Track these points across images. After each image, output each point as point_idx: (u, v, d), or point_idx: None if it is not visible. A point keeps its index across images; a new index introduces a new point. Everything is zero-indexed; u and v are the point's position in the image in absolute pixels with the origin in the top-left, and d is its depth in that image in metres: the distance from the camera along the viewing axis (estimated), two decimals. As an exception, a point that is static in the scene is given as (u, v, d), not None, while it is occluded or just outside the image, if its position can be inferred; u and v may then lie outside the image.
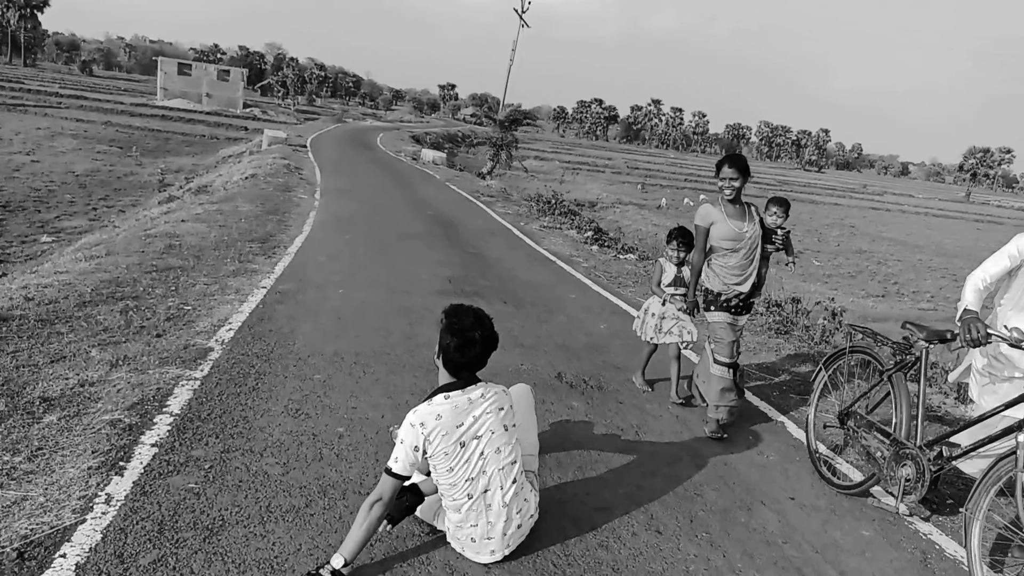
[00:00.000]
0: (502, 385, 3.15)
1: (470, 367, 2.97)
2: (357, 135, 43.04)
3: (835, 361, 4.47)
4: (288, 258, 8.40)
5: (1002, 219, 56.89)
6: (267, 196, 13.63)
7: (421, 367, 5.23)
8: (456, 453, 2.87)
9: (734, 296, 4.74)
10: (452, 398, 2.91)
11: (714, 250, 4.73)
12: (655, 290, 5.32)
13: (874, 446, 3.85)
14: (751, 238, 4.66)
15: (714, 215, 4.68)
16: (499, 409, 2.99)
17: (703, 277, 4.84)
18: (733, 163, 4.64)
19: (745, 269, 4.70)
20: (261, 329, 5.67)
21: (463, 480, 2.90)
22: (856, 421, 4.11)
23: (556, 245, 12.07)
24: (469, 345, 2.92)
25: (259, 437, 3.87)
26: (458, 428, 2.88)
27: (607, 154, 76.88)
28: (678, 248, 5.17)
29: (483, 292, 7.81)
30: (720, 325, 4.75)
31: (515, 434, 3.05)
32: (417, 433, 2.84)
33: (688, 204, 35.79)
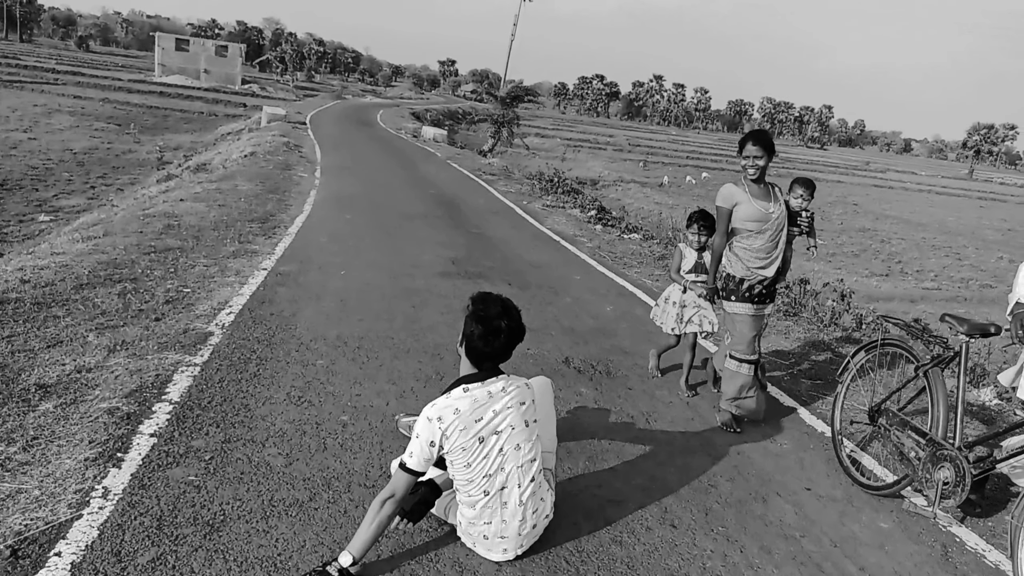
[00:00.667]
0: (524, 378, 3.03)
1: (493, 358, 2.84)
2: (357, 112, 42.64)
3: (864, 354, 4.23)
4: (289, 238, 8.26)
5: (1005, 196, 56.56)
6: (267, 174, 13.45)
7: (426, 352, 5.12)
8: (474, 449, 2.76)
9: (758, 282, 4.45)
10: (472, 391, 2.79)
11: (737, 232, 4.45)
12: (674, 277, 5.06)
13: (908, 446, 3.65)
14: (777, 219, 4.39)
15: (738, 195, 4.40)
16: (520, 404, 2.87)
17: (724, 262, 4.56)
18: (757, 140, 4.33)
19: (770, 252, 4.43)
20: (262, 312, 5.55)
21: (480, 476, 2.79)
22: (888, 418, 3.90)
23: (559, 225, 11.92)
24: (494, 334, 2.78)
25: (261, 426, 3.76)
26: (477, 423, 2.76)
27: (608, 131, 76.32)
28: (699, 232, 4.87)
29: (487, 274, 7.68)
30: (740, 318, 4.47)
31: (536, 430, 2.94)
32: (434, 428, 2.73)
33: (690, 182, 35.53)
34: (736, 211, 4.40)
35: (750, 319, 4.47)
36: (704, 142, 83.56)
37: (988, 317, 15.07)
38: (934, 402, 3.63)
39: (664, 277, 8.75)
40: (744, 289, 4.47)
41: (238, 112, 38.63)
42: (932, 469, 3.45)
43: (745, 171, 4.41)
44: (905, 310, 15.93)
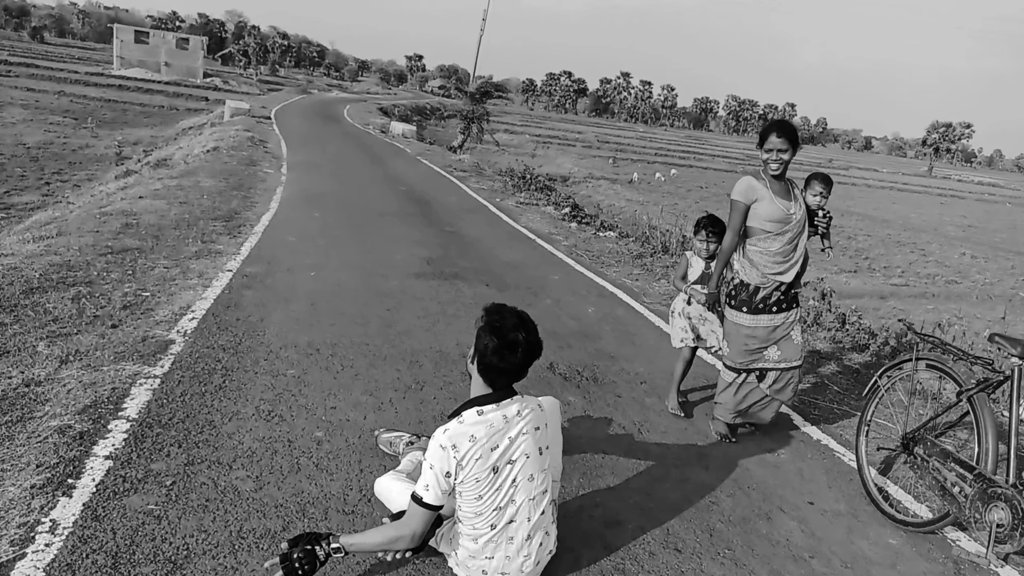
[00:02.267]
0: (537, 398, 2.77)
1: (509, 375, 2.58)
2: (323, 107, 41.91)
3: (894, 373, 3.83)
4: (255, 238, 7.90)
5: (963, 193, 57.83)
6: (231, 170, 12.99)
7: (403, 359, 4.85)
8: (487, 480, 2.51)
9: (774, 288, 4.05)
10: (487, 415, 2.54)
11: (752, 233, 4.04)
12: (676, 284, 4.69)
13: (951, 480, 3.27)
14: (799, 220, 4.02)
15: (758, 190, 3.98)
16: (535, 429, 2.63)
17: (737, 268, 4.13)
18: (782, 131, 3.91)
19: (789, 255, 4.02)
20: (228, 318, 5.22)
21: (491, 509, 2.54)
22: (926, 448, 3.51)
23: (534, 222, 11.69)
24: (510, 348, 2.52)
25: (227, 445, 3.47)
26: (493, 451, 2.51)
27: (577, 127, 76.33)
28: (708, 239, 4.44)
29: (464, 274, 7.42)
30: (738, 328, 4.10)
31: (548, 458, 2.70)
32: (449, 457, 2.48)
33: (659, 178, 35.59)
34: (755, 209, 4.00)
35: (753, 330, 4.09)
36: (671, 139, 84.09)
37: (956, 313, 15.25)
38: (982, 432, 3.24)
39: (643, 276, 8.58)
40: (758, 300, 4.07)
41: (200, 106, 37.69)
42: (982, 509, 3.07)
43: (766, 165, 3.98)
44: (875, 306, 16.02)
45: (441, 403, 4.23)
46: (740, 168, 52.13)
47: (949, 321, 7.65)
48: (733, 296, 4.18)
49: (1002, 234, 31.80)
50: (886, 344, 6.87)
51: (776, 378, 4.18)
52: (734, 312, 4.16)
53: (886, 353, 6.64)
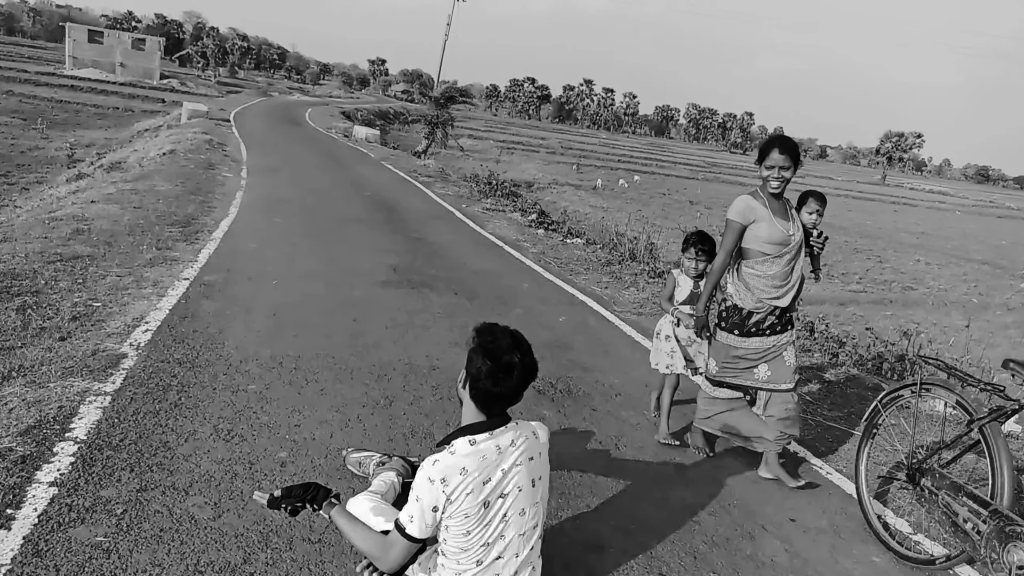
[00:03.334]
0: (531, 423, 2.59)
1: (504, 401, 2.41)
2: (284, 110, 41.24)
3: (897, 399, 3.60)
4: (214, 244, 7.62)
5: (915, 201, 59.42)
6: (188, 174, 12.60)
7: (371, 373, 4.66)
8: (477, 515, 2.34)
9: (769, 313, 3.84)
10: (479, 444, 2.36)
11: (749, 256, 3.82)
12: (663, 306, 4.41)
13: (963, 516, 3.04)
14: (798, 242, 3.79)
15: (757, 211, 3.74)
16: (529, 460, 2.46)
17: (731, 291, 3.90)
18: (785, 147, 3.69)
19: (786, 279, 3.80)
20: (184, 330, 4.97)
21: (478, 545, 2.37)
22: (934, 480, 3.27)
23: (501, 229, 11.56)
24: (505, 372, 2.34)
25: (183, 468, 3.25)
26: (485, 485, 2.34)
27: (541, 133, 76.51)
28: (696, 257, 4.20)
29: (432, 282, 7.24)
30: (731, 349, 3.90)
31: (540, 490, 2.53)
32: (437, 492, 2.30)
33: (623, 185, 35.78)
34: (753, 230, 3.77)
35: (741, 351, 3.90)
36: (634, 146, 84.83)
37: (912, 319, 15.54)
38: (997, 465, 3.02)
39: (613, 284, 8.51)
40: (751, 324, 3.85)
41: (156, 108, 36.75)
42: (1000, 549, 2.84)
43: (766, 183, 3.75)
44: (836, 312, 16.23)
45: (411, 419, 4.06)
46: (701, 175, 52.86)
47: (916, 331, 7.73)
48: (724, 319, 3.96)
49: (954, 241, 32.65)
50: (855, 352, 6.89)
51: (768, 401, 3.98)
52: (724, 334, 3.96)
53: (856, 361, 6.66)
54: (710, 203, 32.41)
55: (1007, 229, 43.32)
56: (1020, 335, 14.75)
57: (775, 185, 3.73)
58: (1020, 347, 13.38)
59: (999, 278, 22.00)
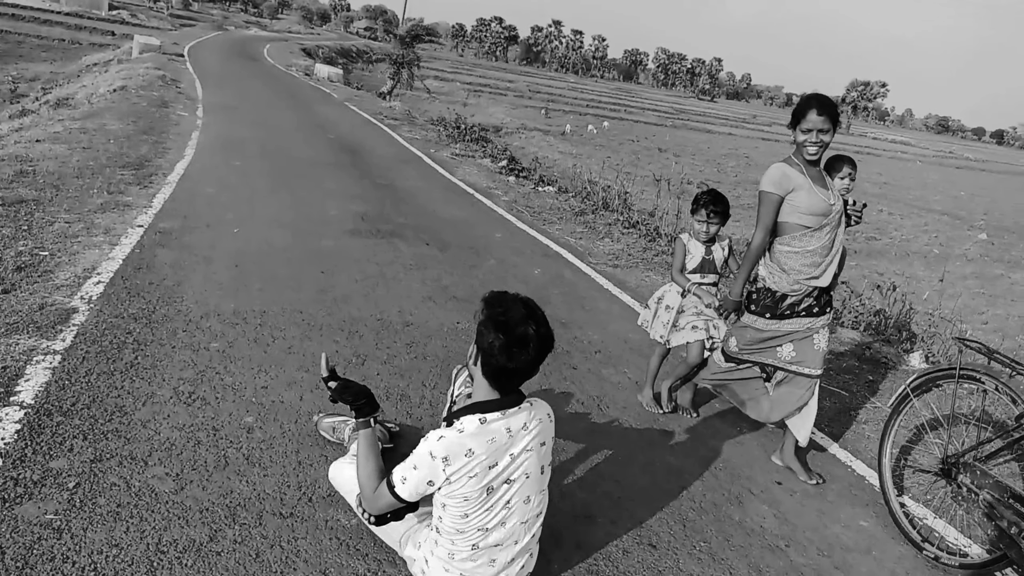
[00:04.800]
0: (546, 405, 2.40)
1: (520, 376, 2.22)
2: (241, 45, 39.50)
3: (931, 386, 3.27)
4: (169, 188, 7.21)
5: (878, 151, 60.00)
6: (140, 112, 11.94)
7: (342, 329, 4.43)
8: (478, 499, 2.18)
9: (806, 295, 3.44)
10: (490, 424, 2.18)
11: (787, 230, 3.40)
12: (676, 279, 3.95)
13: (1009, 519, 2.78)
14: (838, 211, 3.41)
15: (795, 179, 3.34)
16: (541, 445, 2.29)
17: (763, 273, 3.50)
18: (824, 107, 3.28)
19: (826, 254, 3.41)
20: (139, 281, 4.67)
21: (475, 530, 2.22)
22: (975, 478, 2.99)
23: (471, 175, 11.24)
24: (520, 344, 2.14)
25: (142, 436, 3.02)
26: (491, 470, 2.17)
27: (508, 76, 75.01)
28: (708, 220, 3.80)
29: (402, 231, 6.97)
30: (757, 332, 3.53)
31: (547, 478, 2.38)
32: (437, 469, 2.15)
33: (592, 131, 35.34)
34: (791, 201, 3.36)
35: (767, 333, 3.53)
36: (602, 91, 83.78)
37: (877, 269, 15.72)
38: None
39: (587, 235, 8.32)
40: (785, 307, 3.47)
41: (106, 41, 34.93)
42: None
43: (802, 149, 3.34)
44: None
45: (385, 379, 3.87)
46: (669, 122, 52.51)
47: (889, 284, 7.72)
48: (754, 301, 3.56)
49: (915, 192, 33.11)
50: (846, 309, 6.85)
51: (784, 379, 3.65)
52: (752, 317, 3.56)
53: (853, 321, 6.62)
54: (679, 150, 32.27)
55: (965, 180, 44.10)
56: (979, 285, 15.05)
57: (812, 151, 3.31)
58: (980, 297, 13.66)
59: (958, 228, 22.39)
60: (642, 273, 6.96)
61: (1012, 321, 12.28)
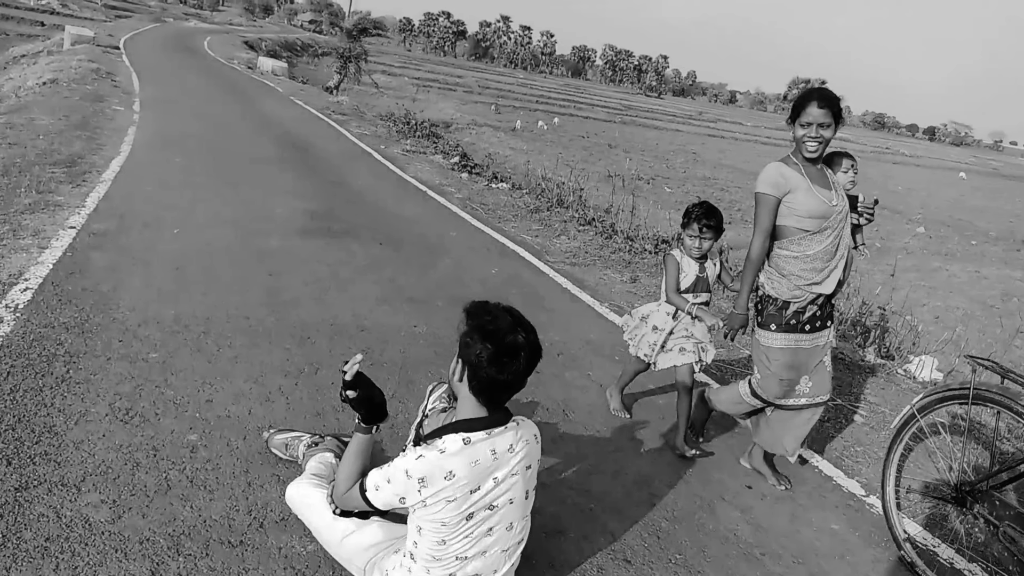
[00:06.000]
0: (532, 425, 2.25)
1: (510, 389, 2.08)
2: (180, 37, 38.22)
3: (940, 407, 2.98)
4: (104, 187, 6.82)
5: (820, 148, 61.60)
6: (73, 107, 11.36)
7: (293, 336, 4.21)
8: (457, 525, 2.03)
9: (809, 302, 3.22)
10: (474, 446, 2.02)
11: (785, 234, 3.17)
12: (672, 300, 3.59)
13: None
14: (841, 213, 3.17)
15: (793, 180, 3.11)
16: (527, 468, 2.15)
17: (762, 280, 3.27)
18: (824, 100, 3.05)
19: (830, 259, 3.17)
20: (71, 287, 4.36)
21: (453, 557, 2.07)
22: (992, 508, 2.78)
23: (423, 172, 11.01)
24: (511, 354, 2.01)
25: (74, 459, 2.77)
26: (472, 494, 2.01)
27: (457, 71, 74.48)
28: (701, 235, 3.46)
29: (354, 231, 6.73)
30: (776, 352, 3.23)
31: (532, 503, 2.24)
32: (412, 489, 1.99)
33: (542, 127, 35.34)
34: (789, 203, 3.13)
35: (790, 353, 3.25)
36: (551, 87, 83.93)
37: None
38: None
39: (543, 232, 8.20)
40: (789, 315, 3.22)
41: (35, 32, 33.36)
42: None
43: (801, 145, 3.11)
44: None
45: (340, 389, 3.66)
46: (618, 118, 52.91)
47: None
48: (759, 311, 3.31)
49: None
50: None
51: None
52: (764, 333, 3.28)
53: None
54: (628, 147, 32.53)
55: (902, 175, 45.55)
56: (919, 278, 15.46)
57: (812, 147, 3.08)
58: (920, 289, 14.04)
59: (897, 223, 23.04)
60: (600, 271, 6.87)
61: (951, 312, 12.65)
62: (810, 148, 3.10)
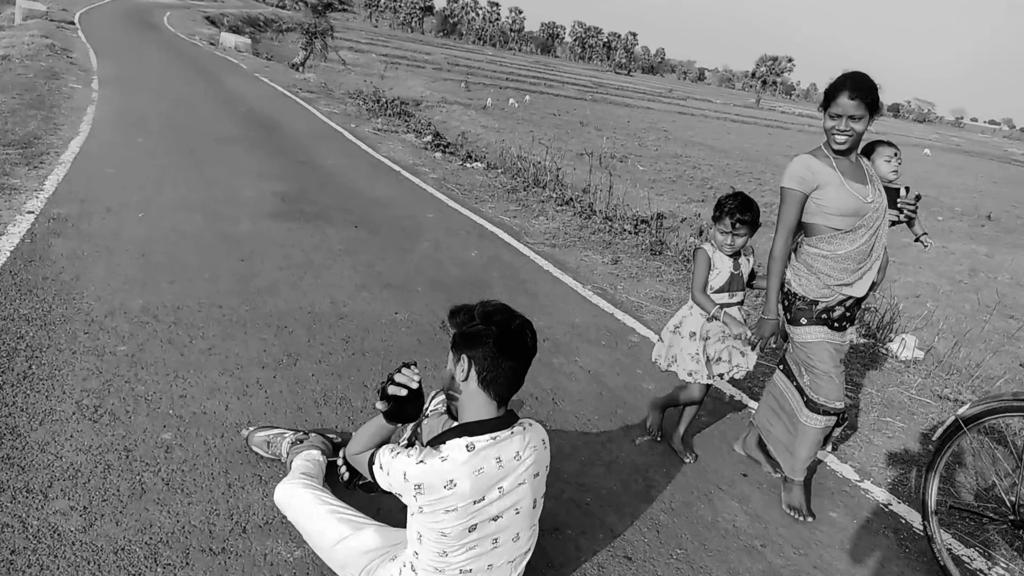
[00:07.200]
0: (541, 430, 2.12)
1: (516, 377, 1.99)
2: (139, 12, 36.96)
3: (991, 418, 2.72)
4: (63, 169, 6.52)
5: (787, 124, 62.07)
6: (27, 84, 10.87)
7: (269, 325, 4.03)
8: (458, 537, 1.90)
9: (838, 303, 3.00)
10: (479, 452, 1.89)
11: (814, 232, 2.94)
12: (698, 299, 3.21)
13: None
14: (877, 210, 2.90)
15: (822, 174, 2.87)
16: (534, 476, 2.03)
17: (789, 276, 3.04)
18: (857, 89, 2.76)
19: (864, 260, 2.93)
20: (31, 276, 4.13)
21: (456, 571, 1.95)
22: None
23: (396, 152, 10.76)
24: (518, 332, 1.96)
25: (40, 462, 2.60)
26: (475, 505, 1.88)
27: (426, 48, 73.38)
28: (734, 231, 3.10)
29: (327, 213, 6.52)
30: (816, 347, 2.99)
31: (540, 511, 2.12)
32: (408, 491, 1.89)
33: (513, 104, 34.99)
34: (817, 199, 2.89)
35: (831, 347, 2.99)
36: (521, 64, 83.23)
37: (795, 241, 16.17)
38: None
39: (521, 213, 8.06)
40: (819, 311, 3.00)
41: (-17, 5, 31.97)
42: None
43: (831, 137, 2.86)
44: (725, 236, 16.69)
45: (322, 381, 3.51)
46: (589, 96, 52.66)
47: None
48: (786, 308, 3.08)
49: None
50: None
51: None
52: (796, 329, 3.04)
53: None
54: (600, 124, 32.37)
55: (868, 153, 46.07)
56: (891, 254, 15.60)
57: (840, 140, 2.83)
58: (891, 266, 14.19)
59: (866, 200, 23.26)
60: (581, 252, 6.76)
61: (922, 288, 12.81)
62: (838, 140, 2.85)
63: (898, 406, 4.53)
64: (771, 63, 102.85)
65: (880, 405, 4.46)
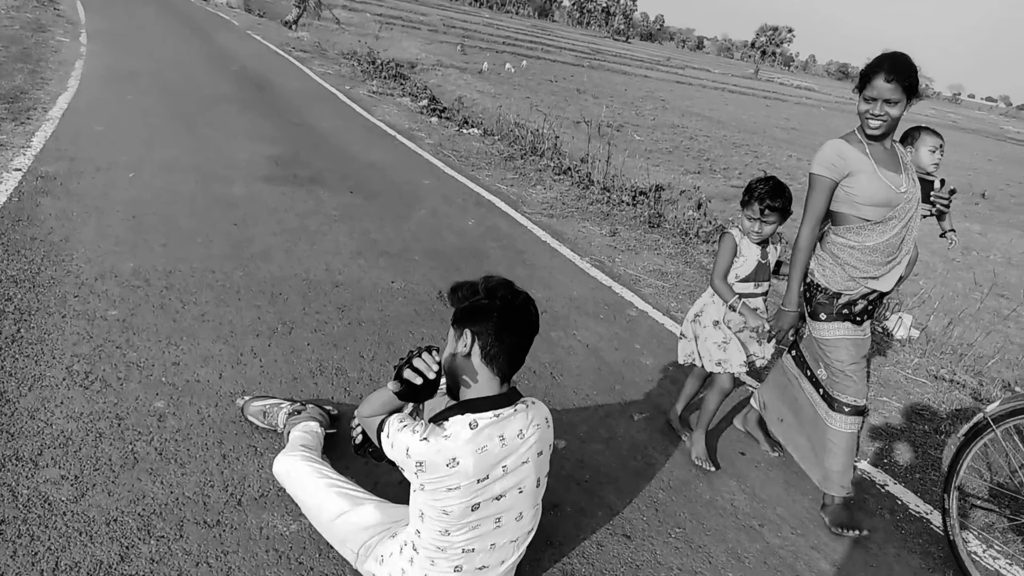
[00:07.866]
0: (543, 406, 2.07)
1: (520, 348, 1.96)
2: (128, -36, 36.06)
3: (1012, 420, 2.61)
4: (51, 125, 6.37)
5: (785, 96, 61.55)
6: (12, 37, 10.59)
7: (263, 292, 3.96)
8: (461, 515, 1.87)
9: (862, 296, 2.84)
10: (482, 430, 1.85)
11: (842, 221, 2.79)
12: (717, 286, 3.03)
13: None
14: (910, 201, 2.75)
15: (854, 161, 2.71)
16: (538, 454, 1.99)
17: (813, 266, 2.89)
18: (896, 71, 2.59)
19: (894, 253, 2.78)
20: (19, 236, 4.03)
21: (458, 550, 1.92)
22: None
23: (391, 116, 10.59)
24: (522, 306, 1.94)
25: (29, 429, 2.54)
26: (479, 484, 1.85)
27: (421, 8, 72.06)
28: (763, 218, 2.92)
29: (321, 177, 6.41)
30: (838, 344, 2.85)
31: (543, 490, 2.09)
32: (409, 467, 1.86)
33: (509, 69, 34.48)
34: (847, 187, 2.73)
35: (852, 343, 2.85)
36: (518, 27, 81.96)
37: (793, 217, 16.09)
38: None
39: (518, 182, 7.95)
40: (840, 304, 2.85)
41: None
42: None
43: (864, 121, 2.71)
44: (721, 209, 16.62)
45: (317, 351, 3.46)
46: (587, 62, 51.94)
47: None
48: (807, 300, 2.93)
49: (821, 137, 34.00)
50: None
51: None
52: (816, 324, 2.90)
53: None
54: (597, 92, 31.95)
55: (865, 127, 45.86)
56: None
57: (874, 126, 2.67)
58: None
59: (862, 175, 23.16)
60: (579, 223, 6.69)
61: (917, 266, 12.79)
62: (871, 126, 2.68)
63: (894, 385, 4.53)
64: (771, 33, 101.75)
65: (876, 384, 4.45)
